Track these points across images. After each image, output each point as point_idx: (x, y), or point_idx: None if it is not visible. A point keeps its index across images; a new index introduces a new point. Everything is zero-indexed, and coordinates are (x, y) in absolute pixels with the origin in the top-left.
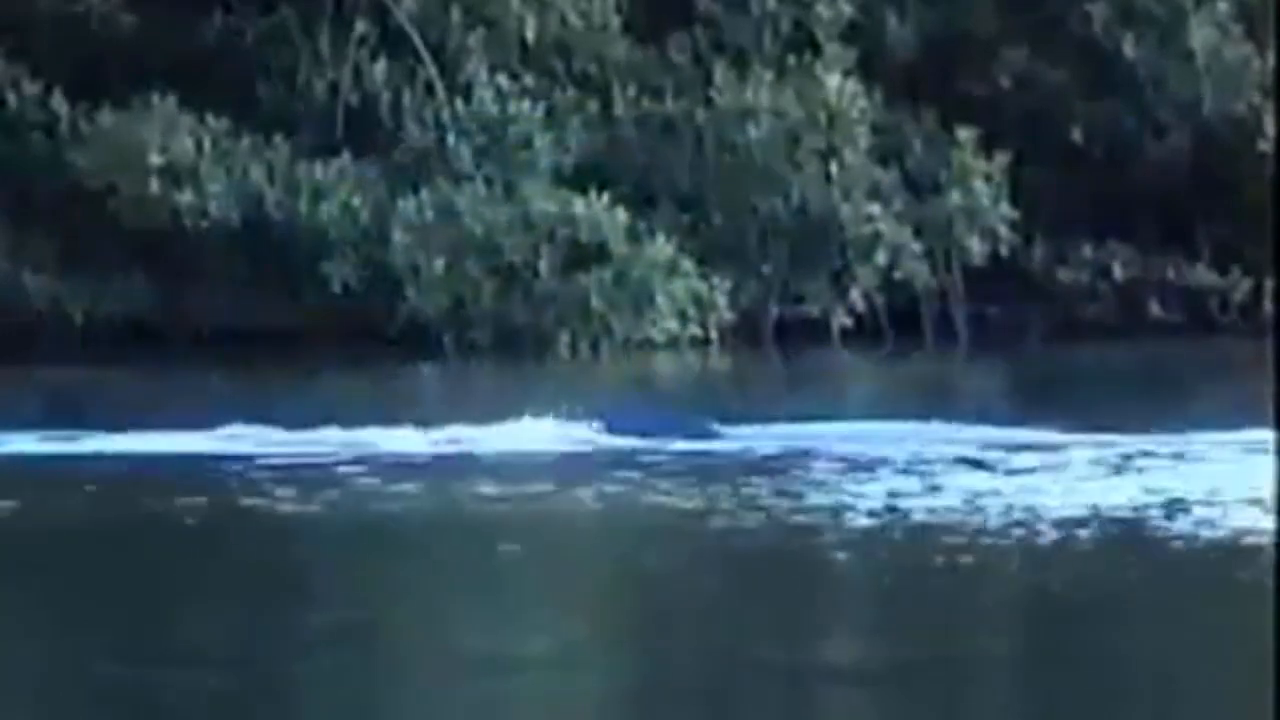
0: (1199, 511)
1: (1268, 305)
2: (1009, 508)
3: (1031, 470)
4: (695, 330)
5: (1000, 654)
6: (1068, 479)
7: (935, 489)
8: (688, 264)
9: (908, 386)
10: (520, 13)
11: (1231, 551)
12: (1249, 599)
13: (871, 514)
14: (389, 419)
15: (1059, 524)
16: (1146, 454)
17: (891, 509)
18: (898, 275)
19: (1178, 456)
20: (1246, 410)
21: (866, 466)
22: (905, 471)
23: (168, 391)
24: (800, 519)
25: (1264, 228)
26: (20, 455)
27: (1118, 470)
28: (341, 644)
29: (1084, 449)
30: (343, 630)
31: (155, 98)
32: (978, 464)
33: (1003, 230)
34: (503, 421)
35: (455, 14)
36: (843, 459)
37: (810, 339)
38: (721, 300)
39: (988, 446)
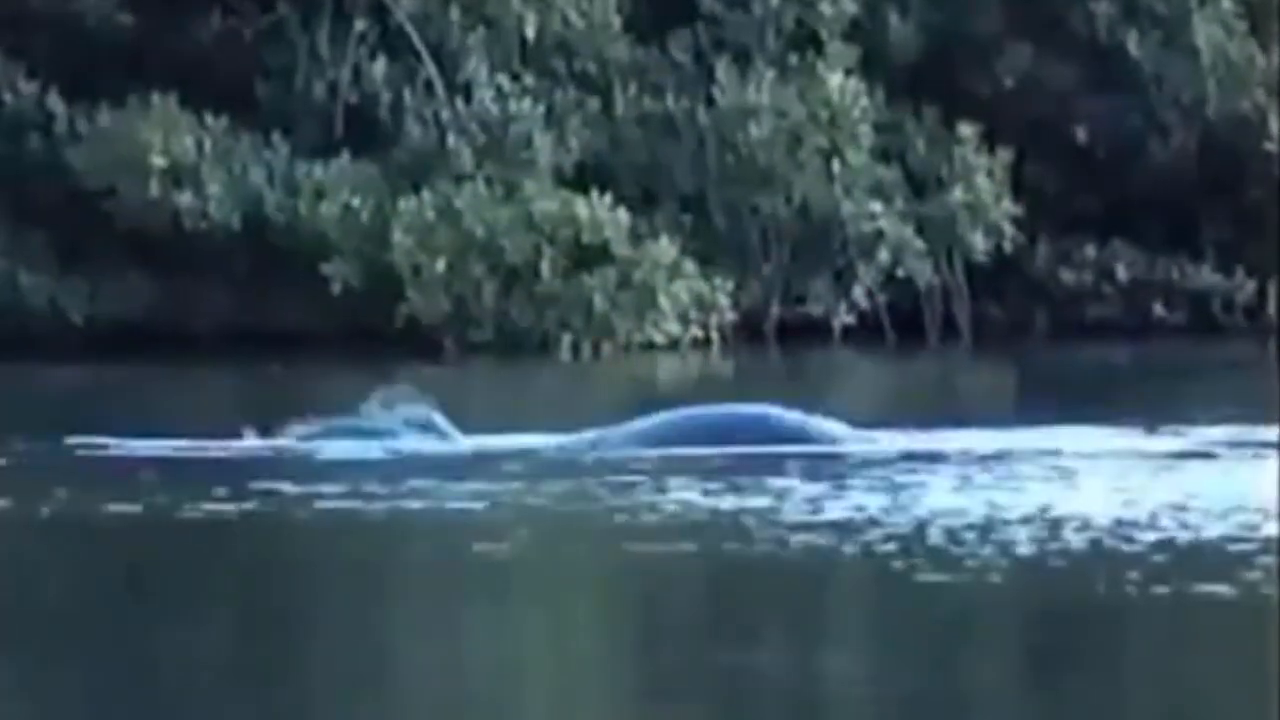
0: (1201, 512)
1: (1272, 307)
2: (1006, 507)
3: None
4: (697, 331)
5: (1002, 656)
6: (1068, 479)
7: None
8: (690, 265)
9: (953, 386)
10: (520, 12)
11: (1232, 553)
12: (1250, 601)
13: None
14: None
15: (1059, 524)
16: (1149, 455)
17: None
18: (900, 274)
19: (1180, 457)
20: (1250, 411)
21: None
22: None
23: (167, 393)
24: None
25: (1269, 229)
26: (19, 454)
27: (1120, 470)
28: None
29: (1089, 448)
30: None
31: (154, 97)
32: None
33: (1006, 226)
34: None
35: (455, 13)
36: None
37: (812, 339)
38: (724, 300)
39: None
